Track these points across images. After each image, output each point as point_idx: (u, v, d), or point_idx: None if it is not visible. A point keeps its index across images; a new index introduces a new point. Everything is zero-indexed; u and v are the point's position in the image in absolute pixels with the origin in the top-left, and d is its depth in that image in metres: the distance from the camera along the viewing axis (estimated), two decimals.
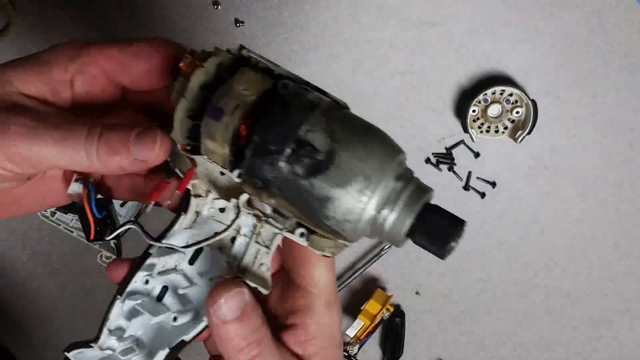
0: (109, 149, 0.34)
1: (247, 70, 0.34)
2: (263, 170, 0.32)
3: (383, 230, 0.33)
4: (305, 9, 0.72)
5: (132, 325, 0.38)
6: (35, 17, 0.72)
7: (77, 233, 0.73)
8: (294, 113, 0.32)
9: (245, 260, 0.37)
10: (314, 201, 0.32)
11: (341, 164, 0.32)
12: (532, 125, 0.71)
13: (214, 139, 0.33)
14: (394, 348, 0.79)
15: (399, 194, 0.32)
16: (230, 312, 0.34)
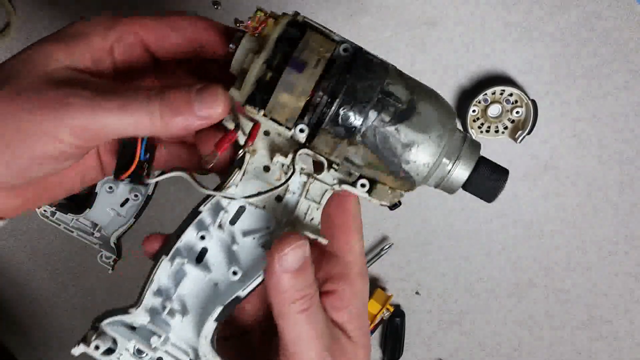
0: (172, 109, 0.34)
1: (313, 33, 0.36)
2: (351, 118, 0.35)
3: (446, 177, 0.39)
4: (305, 9, 0.72)
5: (180, 285, 0.38)
6: (35, 17, 0.72)
7: (77, 233, 0.73)
8: (375, 68, 0.36)
9: (296, 217, 0.38)
10: (398, 146, 0.36)
11: (422, 112, 0.36)
12: (532, 125, 0.71)
13: (293, 91, 0.35)
14: (394, 348, 0.79)
15: (462, 144, 0.39)
16: (294, 263, 0.35)
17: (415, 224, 0.77)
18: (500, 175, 0.42)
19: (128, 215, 0.73)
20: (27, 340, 0.81)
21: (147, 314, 0.38)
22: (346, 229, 0.39)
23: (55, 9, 0.71)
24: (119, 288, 0.79)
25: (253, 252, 0.39)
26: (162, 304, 0.38)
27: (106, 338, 0.38)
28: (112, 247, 0.74)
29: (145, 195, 0.72)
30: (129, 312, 0.38)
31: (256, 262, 0.38)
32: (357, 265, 0.39)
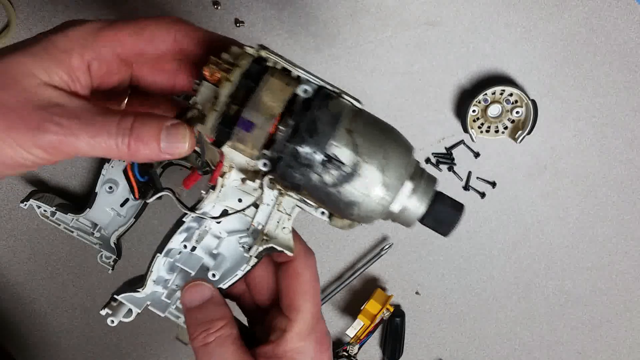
0: (140, 142, 0.37)
1: (270, 79, 0.38)
2: (294, 178, 0.38)
3: (398, 218, 0.41)
4: (305, 9, 0.72)
5: (174, 276, 0.46)
6: (35, 17, 0.72)
7: (77, 233, 0.73)
8: (320, 128, 0.38)
9: (269, 226, 0.43)
10: (340, 203, 0.39)
11: (364, 175, 0.38)
12: (532, 125, 0.71)
13: (245, 144, 0.38)
14: (394, 348, 0.79)
15: (413, 191, 0.40)
16: (190, 302, 0.43)
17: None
18: (453, 210, 0.41)
19: (128, 215, 0.73)
20: (27, 341, 0.81)
21: (152, 295, 0.46)
22: (292, 291, 0.43)
23: (55, 8, 0.71)
24: None
25: (234, 250, 0.45)
26: (162, 288, 0.46)
27: (123, 306, 0.47)
28: (112, 247, 0.74)
29: None
30: (138, 291, 0.46)
31: (236, 260, 0.44)
32: (299, 324, 0.42)
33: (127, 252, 0.78)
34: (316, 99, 0.39)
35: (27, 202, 0.71)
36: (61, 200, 0.74)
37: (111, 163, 0.70)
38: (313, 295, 0.44)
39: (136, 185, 0.44)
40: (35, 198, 0.71)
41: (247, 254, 0.44)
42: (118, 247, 0.75)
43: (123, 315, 0.47)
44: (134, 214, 0.72)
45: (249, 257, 0.44)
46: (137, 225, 0.75)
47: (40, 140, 0.36)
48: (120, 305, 0.47)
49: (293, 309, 0.43)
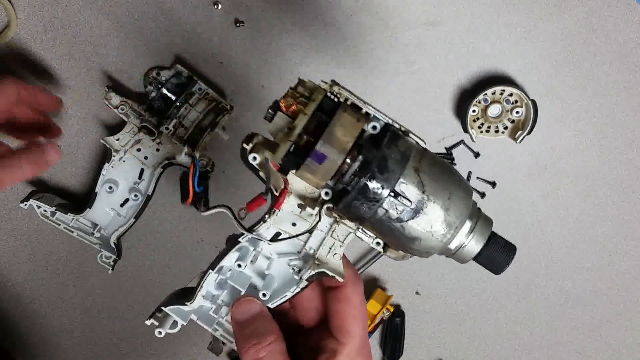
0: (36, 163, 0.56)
1: (342, 114, 0.40)
2: (360, 210, 0.40)
3: (454, 254, 0.43)
4: (305, 9, 0.72)
5: (223, 294, 0.48)
6: (35, 17, 0.72)
7: (77, 233, 0.73)
8: (390, 166, 0.39)
9: (321, 251, 0.45)
10: (402, 237, 0.40)
11: (428, 213, 0.40)
12: (532, 125, 0.71)
13: (315, 175, 0.40)
14: (394, 348, 0.79)
15: (471, 230, 0.42)
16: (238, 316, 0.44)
17: None
18: (507, 252, 0.44)
19: (128, 215, 0.73)
20: (27, 341, 0.81)
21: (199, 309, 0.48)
22: (343, 315, 0.45)
23: (55, 9, 0.71)
24: (119, 288, 0.79)
25: (284, 272, 0.46)
26: (210, 304, 0.48)
27: (168, 317, 0.48)
28: (112, 247, 0.74)
29: (145, 195, 0.72)
30: (185, 304, 0.47)
31: (285, 281, 0.46)
32: (349, 347, 0.44)
33: (127, 252, 0.78)
34: (386, 136, 0.40)
35: (27, 202, 0.71)
36: (61, 200, 0.74)
37: (111, 163, 0.70)
38: (362, 319, 0.46)
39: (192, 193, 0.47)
40: (35, 198, 0.71)
41: (297, 276, 0.46)
42: (118, 247, 0.75)
43: (169, 326, 0.48)
44: (134, 214, 0.72)
45: (298, 279, 0.46)
46: (137, 225, 0.75)
47: None
48: (166, 316, 0.48)
49: (344, 332, 0.45)
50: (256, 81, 0.74)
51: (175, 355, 0.82)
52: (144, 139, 0.70)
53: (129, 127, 0.70)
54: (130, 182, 0.71)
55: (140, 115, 0.70)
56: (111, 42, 0.72)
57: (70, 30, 0.72)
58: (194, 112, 0.70)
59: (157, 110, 0.70)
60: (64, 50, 0.72)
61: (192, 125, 0.70)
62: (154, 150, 0.71)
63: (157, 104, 0.70)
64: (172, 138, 0.70)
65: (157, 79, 0.70)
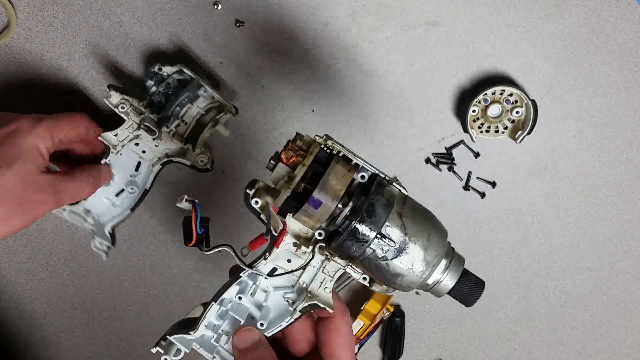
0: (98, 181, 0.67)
1: (335, 165, 0.46)
2: (351, 250, 0.46)
3: (431, 289, 0.48)
4: (306, 9, 0.72)
5: (224, 323, 0.52)
6: (35, 17, 0.72)
7: (70, 217, 0.71)
8: (377, 211, 0.45)
9: (313, 285, 0.50)
10: (387, 273, 0.46)
11: (410, 252, 0.46)
12: (532, 125, 0.71)
13: (311, 218, 0.45)
14: (394, 348, 0.79)
15: (446, 268, 0.48)
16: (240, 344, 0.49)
17: None
18: (476, 287, 0.49)
19: (123, 206, 0.72)
20: (27, 341, 0.81)
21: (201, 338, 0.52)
22: (333, 344, 0.50)
23: (55, 9, 0.71)
24: (119, 288, 0.79)
25: (279, 303, 0.51)
26: (212, 333, 0.52)
27: (173, 345, 0.52)
28: (107, 235, 0.73)
29: (142, 188, 0.71)
30: (189, 334, 0.51)
31: (281, 312, 0.51)
32: None
33: (127, 252, 0.78)
34: (373, 184, 0.46)
35: None
36: None
37: (108, 158, 0.70)
38: (350, 347, 0.50)
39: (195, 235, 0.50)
40: None
41: (291, 307, 0.51)
42: (112, 235, 0.74)
43: (173, 353, 0.52)
44: (130, 206, 0.72)
45: (292, 310, 0.50)
46: (137, 225, 0.75)
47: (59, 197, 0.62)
48: (170, 344, 0.52)
49: (335, 359, 0.50)
50: (256, 81, 0.74)
51: None
52: (142, 134, 0.70)
53: (128, 123, 0.69)
54: (126, 174, 0.71)
55: (141, 113, 0.69)
56: (111, 42, 0.72)
57: (70, 30, 0.72)
58: (196, 107, 0.70)
59: (157, 106, 0.69)
60: (64, 50, 0.72)
61: (192, 121, 0.69)
62: (153, 145, 0.70)
63: (158, 99, 0.69)
64: (173, 138, 0.69)
65: (159, 74, 0.69)
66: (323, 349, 0.50)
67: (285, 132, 0.75)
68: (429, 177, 0.76)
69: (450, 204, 0.76)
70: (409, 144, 0.75)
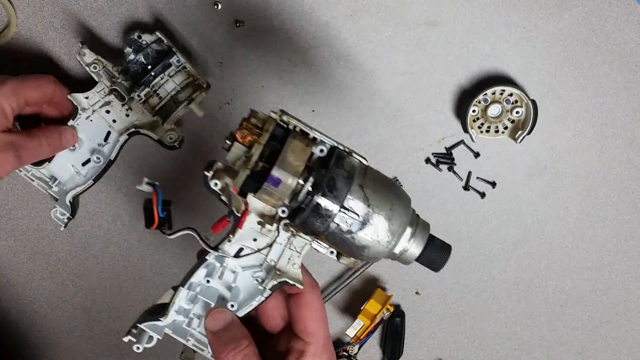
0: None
1: (292, 141, 0.44)
2: (315, 226, 0.45)
3: (398, 258, 0.48)
4: (305, 9, 0.72)
5: (194, 306, 0.52)
6: (35, 17, 0.72)
7: (37, 183, 0.69)
8: (338, 185, 0.44)
9: (281, 262, 0.50)
10: (353, 246, 0.46)
11: (374, 223, 0.45)
12: (532, 125, 0.71)
13: (272, 197, 0.45)
14: (394, 348, 0.79)
15: (412, 236, 0.47)
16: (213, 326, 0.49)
17: None
18: (443, 252, 0.49)
19: (88, 175, 0.70)
20: (27, 341, 0.81)
21: (173, 323, 0.52)
22: (305, 318, 0.50)
23: (55, 9, 0.71)
24: (119, 288, 0.79)
25: (249, 283, 0.50)
26: (183, 317, 0.52)
27: (144, 333, 0.52)
28: (67, 204, 0.71)
29: (107, 159, 0.69)
30: (160, 320, 0.51)
31: (251, 292, 0.50)
32: (313, 344, 0.49)
33: (127, 252, 0.78)
34: (332, 158, 0.45)
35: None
36: None
37: (76, 120, 0.68)
38: (323, 320, 0.50)
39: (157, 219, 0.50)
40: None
41: (261, 286, 0.50)
42: (74, 206, 0.72)
43: (146, 341, 0.52)
44: (93, 176, 0.69)
45: (263, 289, 0.50)
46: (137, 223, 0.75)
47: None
48: (142, 332, 0.52)
49: (308, 333, 0.49)
50: (256, 81, 0.74)
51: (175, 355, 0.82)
52: (114, 101, 0.68)
53: (99, 87, 0.68)
54: (94, 143, 0.69)
55: (113, 77, 0.68)
56: (111, 43, 0.72)
57: (69, 30, 0.72)
58: (172, 83, 0.68)
59: (132, 75, 0.68)
60: (63, 50, 0.72)
61: (167, 96, 0.68)
62: (123, 115, 0.69)
63: (135, 67, 0.67)
64: (143, 106, 0.68)
65: (137, 42, 0.67)
66: (296, 325, 0.50)
67: None
68: (429, 177, 0.76)
69: (450, 204, 0.76)
70: (409, 144, 0.75)
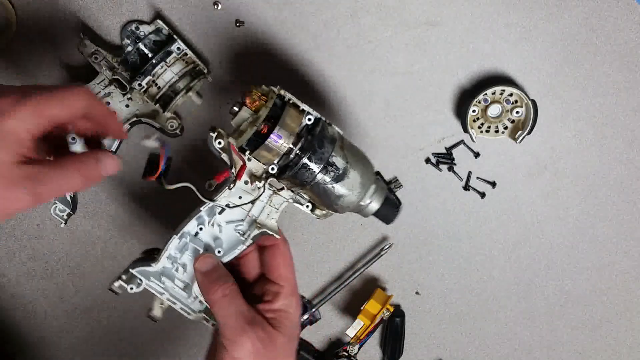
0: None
1: (290, 109, 0.54)
2: (305, 177, 0.54)
3: (362, 210, 0.59)
4: (305, 9, 0.72)
5: (184, 254, 0.59)
6: (35, 17, 0.72)
7: None
8: (325, 145, 0.54)
9: (261, 216, 0.58)
10: (332, 196, 0.56)
11: (350, 177, 0.56)
12: (532, 125, 0.71)
13: (270, 152, 0.54)
14: (394, 348, 0.79)
15: (374, 193, 0.58)
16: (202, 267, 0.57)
17: (415, 224, 0.77)
18: (395, 208, 0.61)
19: None
20: (27, 341, 0.81)
21: (162, 269, 0.59)
22: (280, 266, 0.58)
23: (56, 8, 0.71)
24: None
25: (232, 235, 0.59)
26: (171, 264, 0.59)
27: (134, 278, 0.59)
28: (68, 200, 0.71)
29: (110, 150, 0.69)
30: (150, 265, 0.59)
31: (233, 243, 0.58)
32: (287, 287, 0.58)
33: (127, 252, 0.78)
34: (318, 125, 0.55)
35: None
36: None
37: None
38: (293, 268, 0.59)
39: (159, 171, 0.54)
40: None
41: (243, 237, 0.58)
42: (74, 201, 0.72)
43: (135, 286, 0.59)
44: None
45: (244, 239, 0.58)
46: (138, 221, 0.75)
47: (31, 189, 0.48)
48: (132, 277, 0.59)
49: (282, 278, 0.58)
50: (256, 81, 0.74)
51: (175, 355, 0.82)
52: (114, 92, 0.69)
53: (100, 78, 0.69)
54: None
55: (113, 67, 0.68)
56: (111, 42, 0.72)
57: (69, 30, 0.72)
58: (170, 72, 0.69)
59: (131, 65, 0.68)
60: (64, 50, 0.72)
61: (165, 85, 0.68)
62: (124, 105, 0.69)
63: (133, 58, 0.68)
64: (144, 96, 0.68)
65: (135, 33, 0.68)
66: (271, 272, 0.58)
67: None
68: (429, 177, 0.76)
69: (450, 204, 0.76)
70: (409, 144, 0.75)
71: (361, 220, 0.77)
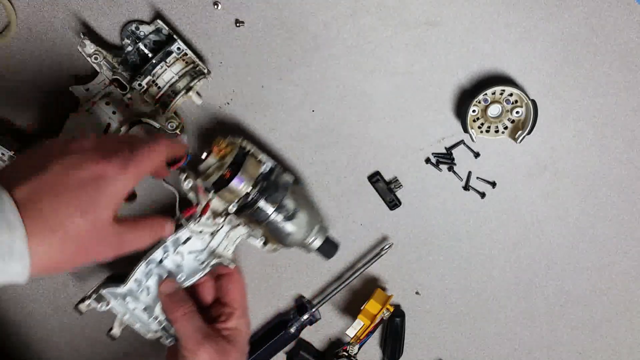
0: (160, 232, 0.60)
1: (250, 158, 0.65)
2: (260, 216, 0.65)
3: (306, 246, 0.69)
4: (305, 9, 0.72)
5: (149, 279, 0.67)
6: (35, 17, 0.72)
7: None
8: (279, 190, 0.65)
9: (219, 248, 0.67)
10: (282, 233, 0.67)
11: (299, 218, 0.66)
12: (532, 125, 0.71)
13: (233, 193, 0.63)
14: (394, 348, 0.79)
15: (318, 231, 0.69)
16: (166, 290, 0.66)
17: (415, 224, 0.77)
18: (334, 247, 0.71)
19: None
20: (26, 341, 0.81)
21: (128, 291, 0.67)
22: (233, 291, 0.68)
23: (56, 9, 0.71)
24: None
25: (192, 264, 0.67)
26: (137, 287, 0.67)
27: (103, 298, 0.67)
28: None
29: None
30: (119, 287, 0.66)
31: (193, 270, 0.67)
32: (239, 310, 0.67)
33: None
34: (273, 173, 0.66)
35: None
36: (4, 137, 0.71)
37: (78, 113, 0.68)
38: (245, 293, 0.69)
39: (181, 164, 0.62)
40: None
41: (201, 266, 0.67)
42: None
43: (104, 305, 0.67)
44: None
45: (203, 267, 0.67)
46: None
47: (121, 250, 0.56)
48: (100, 297, 0.67)
49: (235, 301, 0.67)
50: (256, 81, 0.74)
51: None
52: (114, 92, 0.69)
53: (100, 78, 0.69)
54: None
55: (114, 68, 0.69)
56: (111, 42, 0.72)
57: (69, 30, 0.72)
58: (170, 72, 0.69)
59: (131, 65, 0.69)
60: (64, 51, 0.72)
61: (165, 85, 0.69)
62: (124, 106, 0.70)
63: (132, 58, 0.68)
64: (144, 96, 0.68)
65: (135, 33, 0.68)
66: (225, 296, 0.67)
67: (285, 132, 0.75)
68: (429, 177, 0.76)
69: (450, 204, 0.76)
70: (409, 144, 0.75)
71: (361, 220, 0.77)
